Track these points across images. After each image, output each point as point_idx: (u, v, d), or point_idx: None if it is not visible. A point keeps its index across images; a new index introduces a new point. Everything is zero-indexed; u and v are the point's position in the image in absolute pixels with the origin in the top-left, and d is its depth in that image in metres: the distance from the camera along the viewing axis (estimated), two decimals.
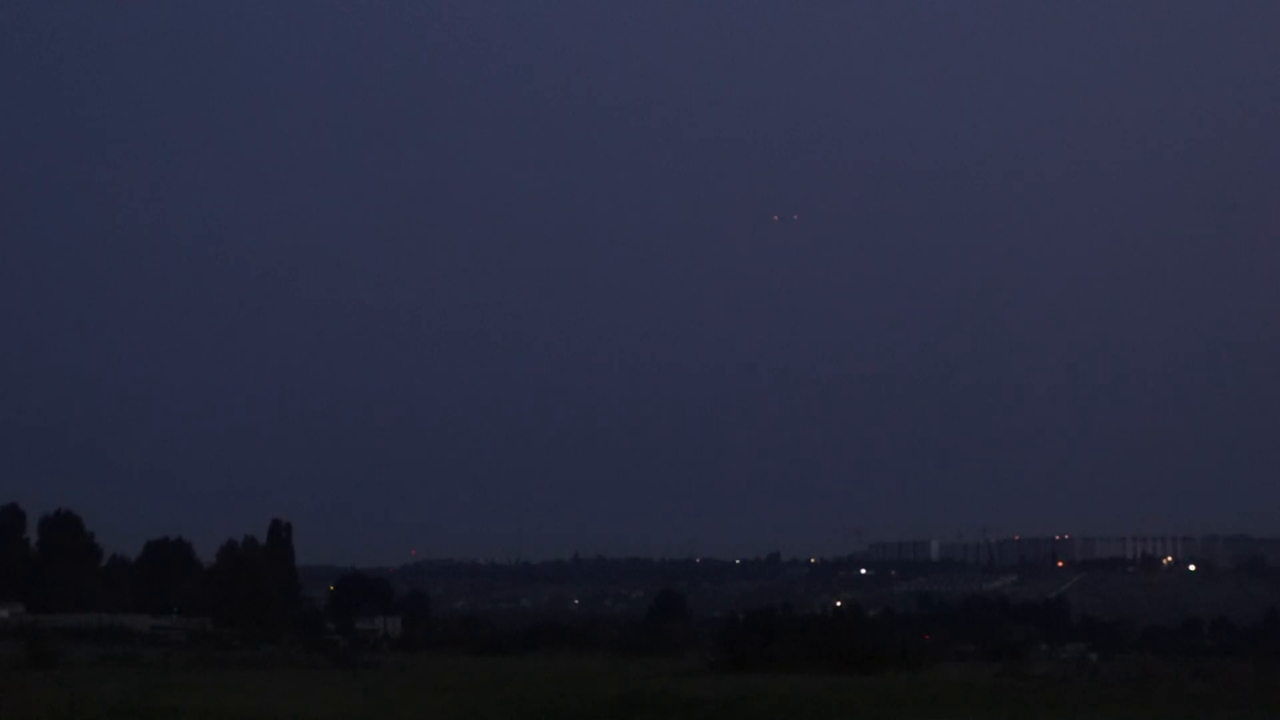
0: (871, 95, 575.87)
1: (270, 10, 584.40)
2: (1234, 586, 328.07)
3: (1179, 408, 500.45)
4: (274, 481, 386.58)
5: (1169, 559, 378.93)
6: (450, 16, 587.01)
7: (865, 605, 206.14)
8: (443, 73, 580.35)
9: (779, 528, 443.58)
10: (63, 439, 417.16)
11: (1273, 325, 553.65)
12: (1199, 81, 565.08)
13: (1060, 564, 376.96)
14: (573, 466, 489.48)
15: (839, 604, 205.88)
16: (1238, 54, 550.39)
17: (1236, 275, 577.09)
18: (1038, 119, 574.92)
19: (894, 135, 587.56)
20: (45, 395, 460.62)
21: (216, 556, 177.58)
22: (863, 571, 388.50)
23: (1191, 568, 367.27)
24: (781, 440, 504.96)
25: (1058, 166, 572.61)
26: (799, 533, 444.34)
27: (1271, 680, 57.22)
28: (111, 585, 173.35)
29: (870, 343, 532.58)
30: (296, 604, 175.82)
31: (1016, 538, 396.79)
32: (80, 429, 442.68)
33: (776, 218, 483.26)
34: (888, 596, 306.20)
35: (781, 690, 50.93)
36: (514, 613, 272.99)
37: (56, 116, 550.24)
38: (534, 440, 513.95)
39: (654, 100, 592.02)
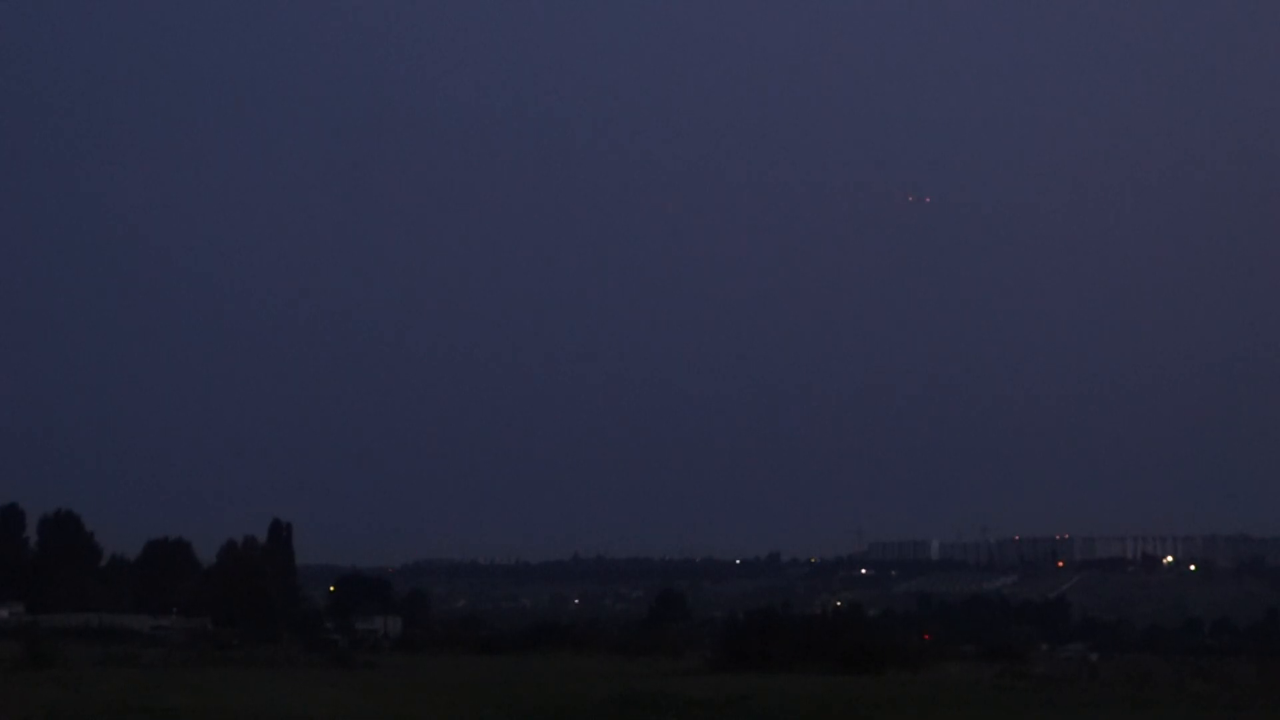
0: (874, 110, 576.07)
1: (262, 22, 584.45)
2: (1235, 586, 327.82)
3: (1179, 407, 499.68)
4: (274, 481, 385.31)
5: (1170, 559, 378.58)
6: (440, 31, 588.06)
7: (865, 605, 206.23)
8: (437, 83, 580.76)
9: (779, 528, 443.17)
10: (62, 439, 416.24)
11: (1273, 327, 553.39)
12: (1198, 89, 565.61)
13: (1060, 564, 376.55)
14: (573, 466, 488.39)
15: (839, 604, 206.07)
16: (1242, 65, 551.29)
17: (1236, 278, 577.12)
18: (1037, 128, 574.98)
19: (897, 149, 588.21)
20: (45, 395, 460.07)
21: (216, 556, 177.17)
22: (863, 571, 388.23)
23: (1192, 567, 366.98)
24: (782, 441, 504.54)
25: (1058, 174, 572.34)
26: (799, 533, 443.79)
27: (1273, 680, 57.17)
28: (111, 585, 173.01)
29: (870, 345, 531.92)
30: (296, 604, 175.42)
31: (1016, 538, 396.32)
32: (80, 429, 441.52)
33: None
34: (888, 596, 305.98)
35: (782, 690, 50.86)
36: (514, 613, 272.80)
37: (59, 124, 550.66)
38: (534, 440, 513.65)
39: (644, 118, 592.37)
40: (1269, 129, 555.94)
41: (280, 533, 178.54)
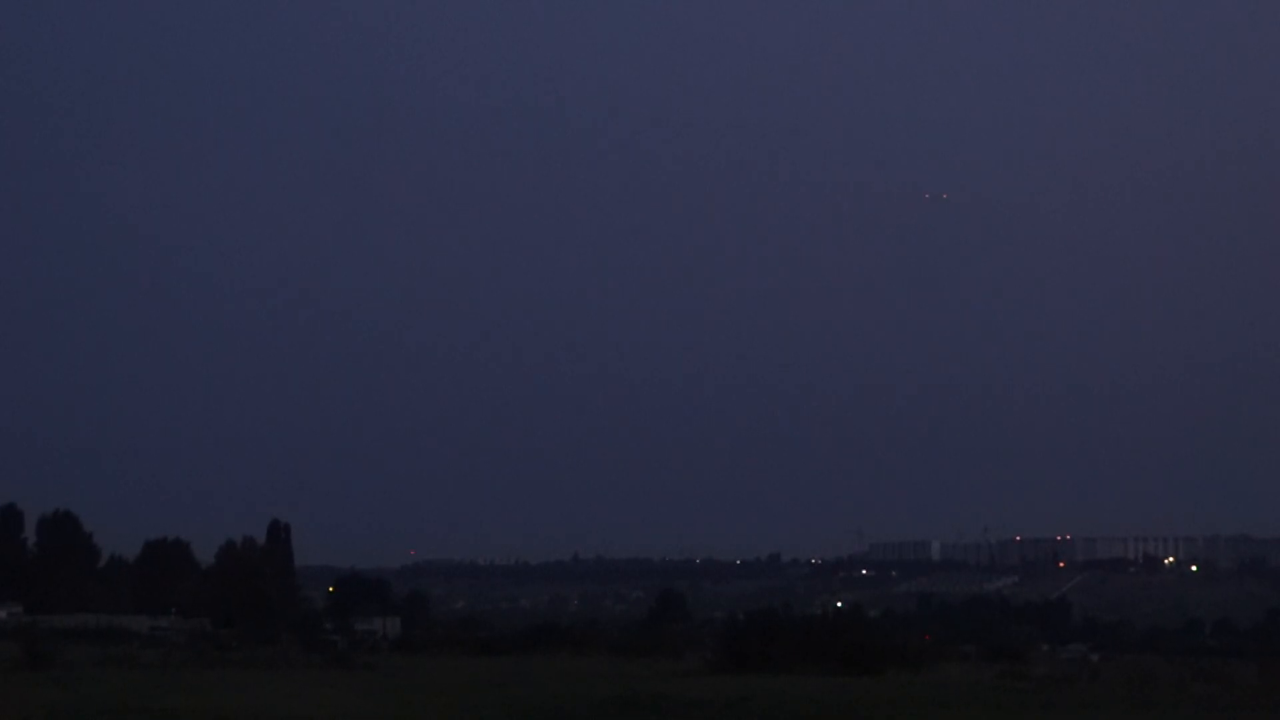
0: (874, 110, 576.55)
1: (262, 22, 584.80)
2: (1236, 587, 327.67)
3: (1180, 408, 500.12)
4: (273, 481, 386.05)
5: (1171, 559, 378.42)
6: (433, 31, 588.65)
7: (866, 606, 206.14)
8: (437, 83, 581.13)
9: (780, 528, 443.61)
10: (61, 439, 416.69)
11: (1273, 327, 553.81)
12: (1198, 89, 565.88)
13: (1061, 564, 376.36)
14: (573, 467, 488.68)
15: (840, 604, 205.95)
16: (1242, 65, 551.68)
17: (1236, 278, 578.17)
18: (1037, 128, 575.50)
19: (897, 149, 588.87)
20: (44, 395, 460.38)
21: (215, 557, 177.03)
22: (864, 572, 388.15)
23: (1193, 568, 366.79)
24: (782, 441, 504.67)
25: (1058, 174, 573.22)
26: (800, 533, 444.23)
27: (1274, 681, 56.99)
28: (110, 586, 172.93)
29: (871, 345, 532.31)
30: (295, 605, 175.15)
31: (1018, 538, 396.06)
32: (79, 429, 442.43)
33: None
34: (888, 597, 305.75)
35: (782, 691, 50.73)
36: (514, 613, 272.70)
37: (59, 124, 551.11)
38: (534, 440, 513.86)
39: (644, 118, 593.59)
40: (1269, 129, 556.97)
41: (279, 533, 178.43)
